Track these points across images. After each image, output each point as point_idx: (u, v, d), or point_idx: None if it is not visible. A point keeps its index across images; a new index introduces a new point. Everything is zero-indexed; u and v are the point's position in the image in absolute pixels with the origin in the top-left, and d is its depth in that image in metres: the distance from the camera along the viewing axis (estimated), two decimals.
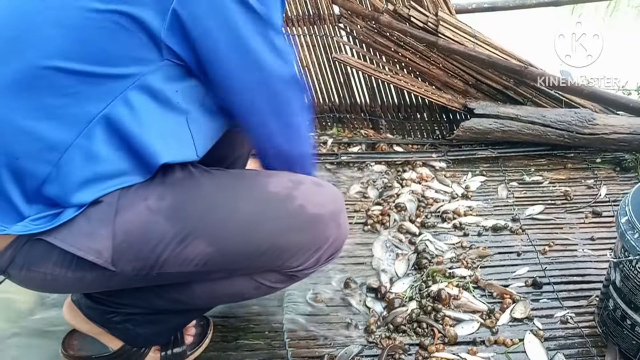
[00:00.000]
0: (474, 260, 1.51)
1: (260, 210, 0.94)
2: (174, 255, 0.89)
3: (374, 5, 1.93)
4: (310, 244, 0.98)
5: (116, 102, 0.82)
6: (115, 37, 0.80)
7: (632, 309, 1.14)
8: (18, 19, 0.82)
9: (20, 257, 0.88)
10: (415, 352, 1.25)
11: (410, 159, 1.94)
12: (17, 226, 0.84)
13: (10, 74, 0.81)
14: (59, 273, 0.89)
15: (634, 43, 2.80)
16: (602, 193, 1.79)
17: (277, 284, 1.05)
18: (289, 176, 0.99)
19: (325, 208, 0.98)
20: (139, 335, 1.12)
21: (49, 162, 0.83)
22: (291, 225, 0.95)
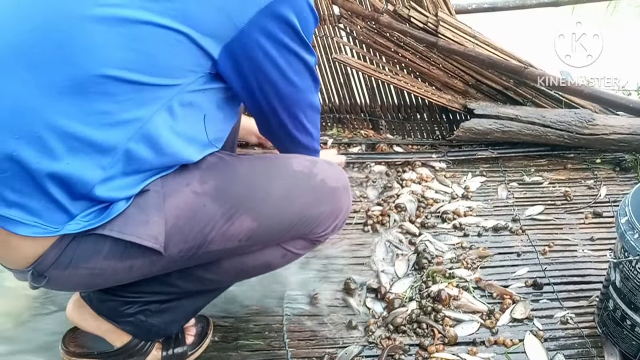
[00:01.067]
0: (474, 261, 1.51)
1: (291, 186, 1.06)
2: (221, 233, 0.97)
3: (374, 6, 1.93)
4: (331, 212, 1.11)
5: (161, 109, 0.87)
6: (173, 52, 0.83)
7: (632, 309, 1.14)
8: (63, 21, 0.80)
9: (66, 256, 0.89)
10: (415, 353, 1.25)
11: (410, 159, 1.94)
12: (70, 225, 0.87)
13: (62, 79, 0.80)
14: (107, 265, 0.92)
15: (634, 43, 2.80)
16: (602, 193, 1.79)
17: (301, 250, 1.16)
18: (304, 157, 1.13)
19: (340, 182, 1.13)
20: (152, 326, 1.12)
21: (100, 167, 0.85)
22: (317, 197, 1.08)
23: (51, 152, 0.81)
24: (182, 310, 1.15)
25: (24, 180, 0.82)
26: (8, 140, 0.80)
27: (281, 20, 0.89)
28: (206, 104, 0.94)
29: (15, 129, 0.80)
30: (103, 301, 1.10)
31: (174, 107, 0.88)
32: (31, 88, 0.80)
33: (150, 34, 0.81)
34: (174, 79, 0.86)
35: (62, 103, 0.80)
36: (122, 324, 1.11)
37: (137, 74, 0.82)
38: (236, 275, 1.15)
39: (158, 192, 0.92)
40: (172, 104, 0.87)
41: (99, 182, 0.86)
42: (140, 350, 1.16)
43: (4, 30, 0.81)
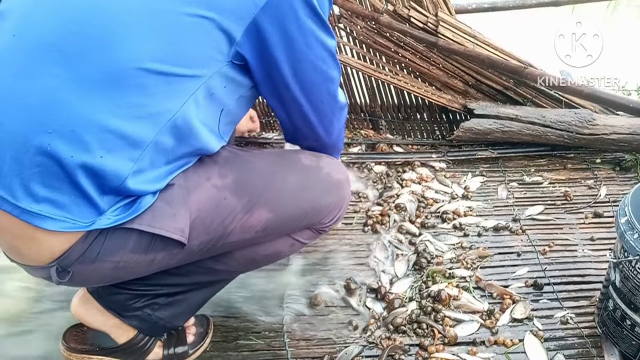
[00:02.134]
0: (474, 261, 1.51)
1: (303, 179, 1.11)
2: (241, 224, 1.01)
3: (374, 6, 1.93)
4: (337, 203, 1.16)
5: (190, 100, 0.88)
6: (199, 39, 0.85)
7: (632, 309, 1.14)
8: (95, 16, 0.81)
9: (92, 250, 0.90)
10: (415, 353, 1.26)
11: (410, 159, 1.94)
12: (101, 220, 0.87)
13: (97, 72, 0.81)
14: (131, 258, 0.94)
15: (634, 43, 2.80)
16: (602, 193, 1.79)
17: (308, 240, 1.20)
18: (308, 152, 1.17)
19: (343, 174, 1.18)
20: (159, 319, 1.13)
21: (131, 159, 0.86)
22: (324, 189, 1.13)
23: (85, 145, 0.82)
24: (189, 303, 1.16)
25: (56, 174, 0.83)
26: (41, 135, 0.80)
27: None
28: (226, 99, 0.96)
29: (48, 124, 0.81)
30: (111, 294, 1.11)
31: (199, 98, 0.89)
32: (64, 82, 0.80)
33: (178, 23, 0.83)
34: (200, 68, 0.87)
35: (96, 96, 0.81)
36: (128, 318, 1.12)
37: (168, 65, 0.84)
38: (246, 265, 1.17)
39: (182, 186, 0.95)
40: (198, 96, 0.89)
41: (131, 174, 0.86)
42: (142, 348, 1.17)
43: (34, 26, 0.82)
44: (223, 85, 0.93)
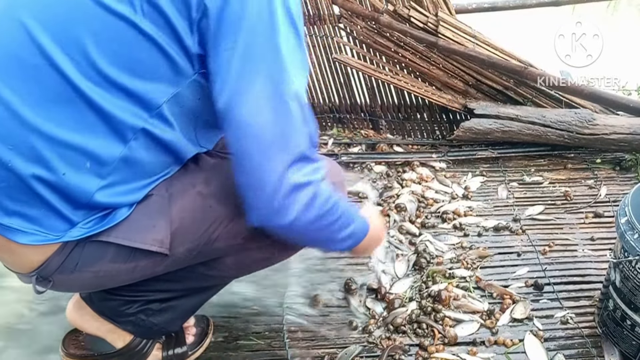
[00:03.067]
0: (474, 261, 1.51)
1: None
2: (226, 231, 0.98)
3: (374, 6, 1.93)
4: None
5: (159, 112, 0.85)
6: (153, 54, 0.80)
7: (632, 309, 1.14)
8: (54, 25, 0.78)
9: (70, 261, 0.90)
10: (415, 353, 1.25)
11: (410, 159, 1.94)
12: (72, 232, 0.86)
13: (52, 86, 0.79)
14: (112, 268, 0.93)
15: (634, 43, 2.80)
16: (602, 193, 1.79)
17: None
18: None
19: (339, 177, 1.12)
20: (153, 325, 1.13)
21: (99, 176, 0.85)
22: None
23: (45, 162, 0.81)
24: (183, 308, 1.15)
25: (22, 189, 0.82)
26: (4, 150, 0.79)
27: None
28: (200, 107, 0.90)
29: (9, 139, 0.79)
30: (104, 300, 1.10)
31: (170, 109, 0.86)
32: (21, 97, 0.79)
33: (134, 37, 0.79)
34: (162, 83, 0.83)
35: (53, 112, 0.79)
36: (123, 323, 1.12)
37: (125, 79, 0.80)
38: (237, 270, 1.15)
39: (163, 197, 0.93)
40: (167, 107, 0.85)
41: (99, 189, 0.85)
42: (140, 351, 1.17)
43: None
44: (196, 97, 0.88)
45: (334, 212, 0.93)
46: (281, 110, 0.83)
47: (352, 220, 1.00)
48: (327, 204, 0.90)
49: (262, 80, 0.81)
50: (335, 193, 0.94)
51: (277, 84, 0.82)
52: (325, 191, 0.90)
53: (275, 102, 0.82)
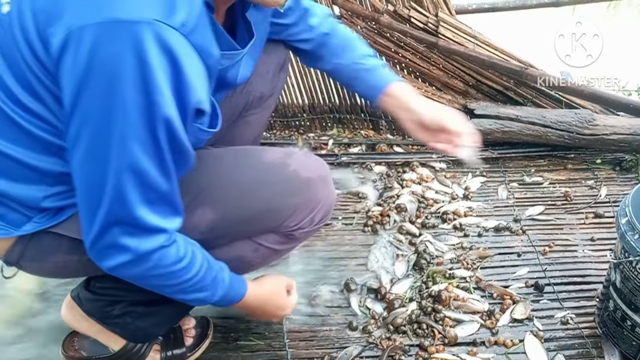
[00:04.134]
0: (474, 261, 1.51)
1: (258, 176, 1.01)
2: (183, 224, 0.93)
3: (374, 6, 1.93)
4: (305, 205, 1.05)
5: None
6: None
7: (633, 310, 1.14)
8: None
9: (29, 251, 0.94)
10: (415, 353, 1.25)
11: (410, 159, 1.94)
12: (26, 226, 0.90)
13: None
14: (70, 259, 0.96)
15: (634, 43, 2.80)
16: (603, 194, 1.79)
17: (274, 245, 1.10)
18: (279, 149, 1.09)
19: (315, 172, 1.06)
20: (139, 328, 1.12)
21: (45, 185, 0.88)
22: (287, 188, 1.03)
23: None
24: (168, 312, 1.14)
25: None
26: None
27: None
28: None
29: None
30: (91, 301, 1.11)
31: None
32: None
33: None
34: None
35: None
36: (109, 325, 1.12)
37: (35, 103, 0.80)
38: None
39: None
40: None
41: (46, 197, 0.88)
42: (137, 353, 1.17)
43: None
44: None
45: (172, 278, 0.89)
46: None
47: (209, 288, 0.95)
48: (157, 270, 0.86)
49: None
50: (193, 260, 0.90)
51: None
52: (152, 260, 0.84)
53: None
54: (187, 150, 0.82)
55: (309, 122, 2.18)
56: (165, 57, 0.70)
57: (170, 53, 0.70)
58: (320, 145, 2.07)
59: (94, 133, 0.74)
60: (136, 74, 0.69)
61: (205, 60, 0.78)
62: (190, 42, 0.73)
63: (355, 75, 1.22)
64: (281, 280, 1.19)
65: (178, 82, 0.73)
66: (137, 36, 0.67)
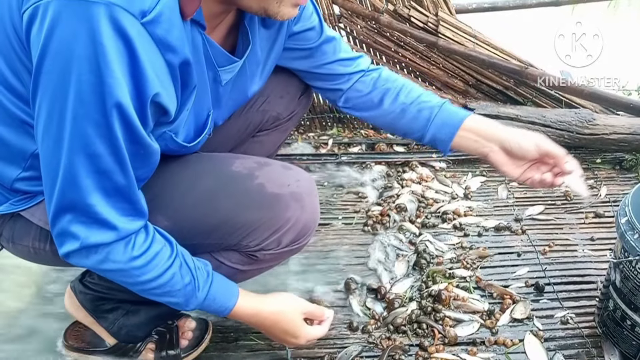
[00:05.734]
0: (474, 261, 1.51)
1: (217, 186, 0.95)
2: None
3: (374, 6, 1.93)
4: (268, 223, 0.96)
5: None
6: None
7: (632, 309, 1.14)
8: None
9: (6, 231, 0.97)
10: (415, 353, 1.25)
11: (410, 159, 1.94)
12: (2, 207, 0.94)
13: None
14: (39, 247, 0.97)
15: (634, 43, 2.80)
16: (602, 193, 1.79)
17: (237, 265, 1.03)
18: (257, 158, 1.00)
19: (286, 189, 0.96)
20: (124, 326, 1.15)
21: (18, 166, 0.89)
22: (247, 202, 0.95)
23: None
24: (150, 314, 1.15)
25: None
26: None
27: None
28: None
29: None
30: (83, 294, 1.15)
31: None
32: None
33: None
34: None
35: None
36: (99, 319, 1.15)
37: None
38: None
39: None
40: None
41: (19, 179, 0.89)
42: (132, 349, 1.19)
43: None
44: None
45: (127, 276, 0.87)
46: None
47: (179, 295, 0.91)
48: (107, 264, 0.84)
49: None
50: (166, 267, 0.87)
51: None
52: (101, 253, 0.82)
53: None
54: (146, 142, 0.79)
55: (309, 121, 2.18)
56: (120, 41, 0.69)
57: (125, 38, 0.69)
58: (320, 144, 2.07)
59: (50, 108, 0.73)
60: (90, 53, 0.68)
61: (165, 55, 0.75)
62: (148, 32, 0.71)
63: (417, 115, 1.12)
64: (299, 303, 1.07)
65: (133, 69, 0.71)
66: (93, 16, 0.67)
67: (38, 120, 0.75)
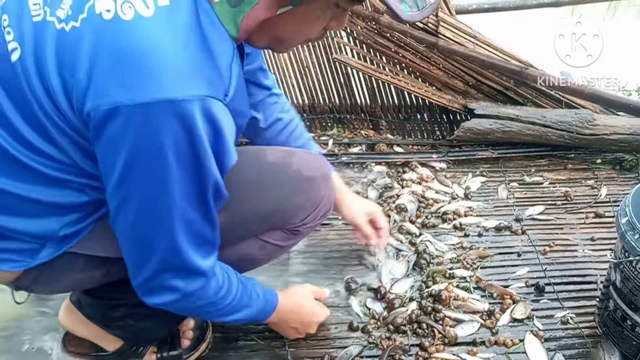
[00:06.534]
0: (474, 261, 1.51)
1: (263, 177, 1.05)
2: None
3: (374, 6, 1.93)
4: (310, 202, 1.10)
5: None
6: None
7: (633, 309, 1.14)
8: None
9: (44, 275, 0.94)
10: (415, 353, 1.25)
11: (410, 159, 1.94)
12: (41, 254, 0.90)
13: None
14: (85, 275, 0.98)
15: (634, 43, 2.80)
16: (603, 193, 1.79)
17: (279, 241, 1.14)
18: (280, 147, 1.14)
19: (317, 170, 1.11)
20: (142, 329, 1.13)
21: (59, 220, 0.89)
22: (292, 188, 1.07)
23: (8, 210, 0.85)
24: (168, 314, 1.13)
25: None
26: None
27: None
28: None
29: None
30: (92, 305, 1.11)
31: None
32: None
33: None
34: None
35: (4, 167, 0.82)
36: (112, 328, 1.12)
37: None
38: None
39: None
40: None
41: (60, 228, 0.89)
42: (134, 353, 1.17)
43: None
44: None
45: (213, 305, 0.95)
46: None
47: (247, 306, 1.02)
48: (200, 301, 0.92)
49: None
50: (230, 290, 0.96)
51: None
52: (197, 295, 0.91)
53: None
54: (225, 195, 0.87)
55: (309, 122, 2.18)
56: (210, 126, 0.75)
57: (214, 122, 0.75)
58: (320, 145, 2.07)
59: (145, 201, 0.79)
60: (187, 144, 0.74)
61: (236, 120, 0.82)
62: (229, 109, 0.78)
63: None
64: (307, 288, 1.27)
65: (220, 147, 0.79)
66: (189, 113, 0.72)
67: (125, 208, 0.80)
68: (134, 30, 0.70)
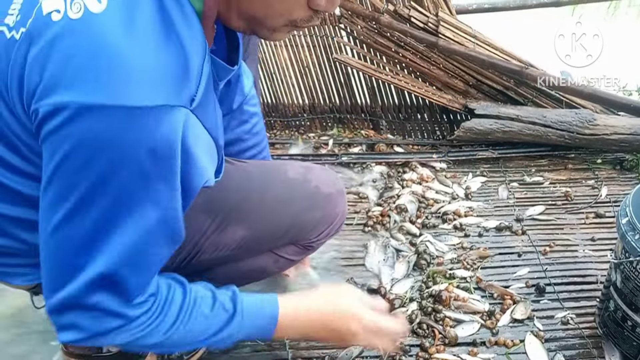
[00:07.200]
0: (474, 261, 1.51)
1: (285, 193, 1.06)
2: (213, 242, 0.98)
3: (375, 6, 1.92)
4: (326, 218, 1.11)
5: None
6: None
7: (633, 310, 1.14)
8: None
9: None
10: (415, 354, 1.25)
11: (410, 159, 1.94)
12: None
13: None
14: None
15: (634, 43, 2.80)
16: (603, 194, 1.79)
17: (292, 256, 1.15)
18: (299, 163, 1.15)
19: (334, 187, 1.12)
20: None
21: None
22: (311, 204, 1.08)
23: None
24: None
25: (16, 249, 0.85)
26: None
27: None
28: None
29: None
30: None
31: None
32: None
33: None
34: None
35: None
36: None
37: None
38: (231, 281, 1.07)
39: None
40: None
41: None
42: (136, 354, 1.17)
43: None
44: None
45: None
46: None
47: (216, 333, 0.86)
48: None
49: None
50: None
51: None
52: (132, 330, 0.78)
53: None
54: (180, 237, 0.78)
55: (309, 122, 2.18)
56: (179, 147, 0.67)
57: (184, 145, 0.67)
58: (320, 145, 2.07)
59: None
60: (135, 166, 0.65)
61: (212, 133, 0.75)
62: (200, 120, 0.70)
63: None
64: (355, 290, 1.04)
65: (188, 167, 0.70)
66: (140, 124, 0.63)
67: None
68: (83, 30, 0.63)
